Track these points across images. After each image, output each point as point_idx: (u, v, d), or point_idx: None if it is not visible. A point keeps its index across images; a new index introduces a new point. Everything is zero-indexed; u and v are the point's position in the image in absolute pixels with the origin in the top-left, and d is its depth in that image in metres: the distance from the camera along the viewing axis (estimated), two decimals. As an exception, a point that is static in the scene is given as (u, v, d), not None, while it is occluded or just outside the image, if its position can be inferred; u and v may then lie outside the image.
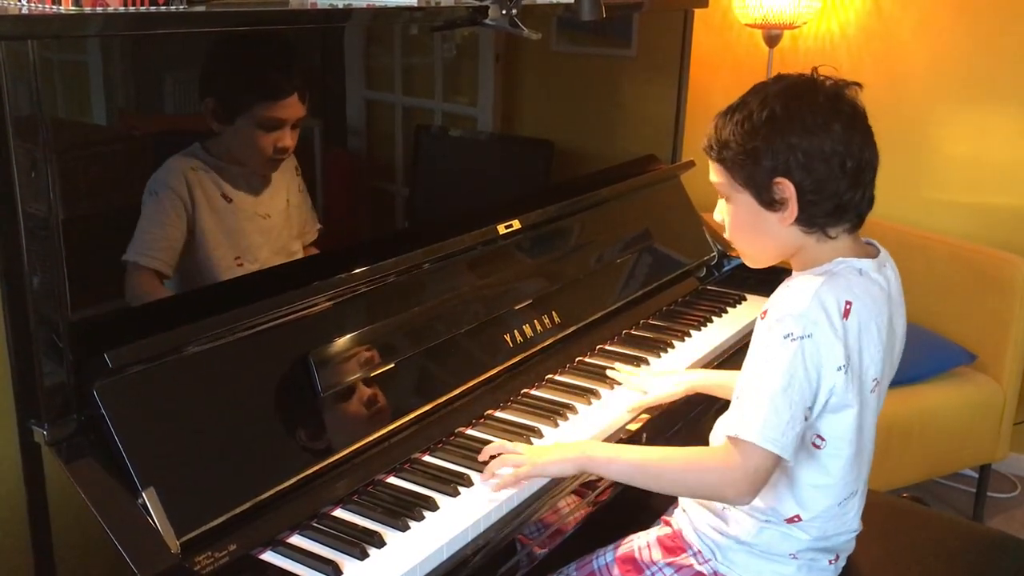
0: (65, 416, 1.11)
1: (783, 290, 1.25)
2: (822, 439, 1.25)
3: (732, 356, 1.86)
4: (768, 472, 1.20)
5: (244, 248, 1.38)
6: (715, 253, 2.24)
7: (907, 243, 2.62)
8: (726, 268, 2.24)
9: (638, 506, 1.62)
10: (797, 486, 1.28)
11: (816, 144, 1.19)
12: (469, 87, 1.81)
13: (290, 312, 1.32)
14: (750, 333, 1.94)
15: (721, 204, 1.31)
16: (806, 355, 1.18)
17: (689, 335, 1.89)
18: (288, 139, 1.39)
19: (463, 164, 1.86)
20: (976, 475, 2.67)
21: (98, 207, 1.19)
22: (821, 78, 1.24)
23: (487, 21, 1.60)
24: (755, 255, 1.32)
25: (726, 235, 1.33)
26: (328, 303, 1.38)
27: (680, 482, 1.28)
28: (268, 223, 1.42)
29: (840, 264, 1.24)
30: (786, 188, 1.21)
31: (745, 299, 2.10)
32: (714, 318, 1.98)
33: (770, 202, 1.23)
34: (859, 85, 1.24)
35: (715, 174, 1.29)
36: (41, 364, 1.10)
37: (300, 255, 1.47)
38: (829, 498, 1.28)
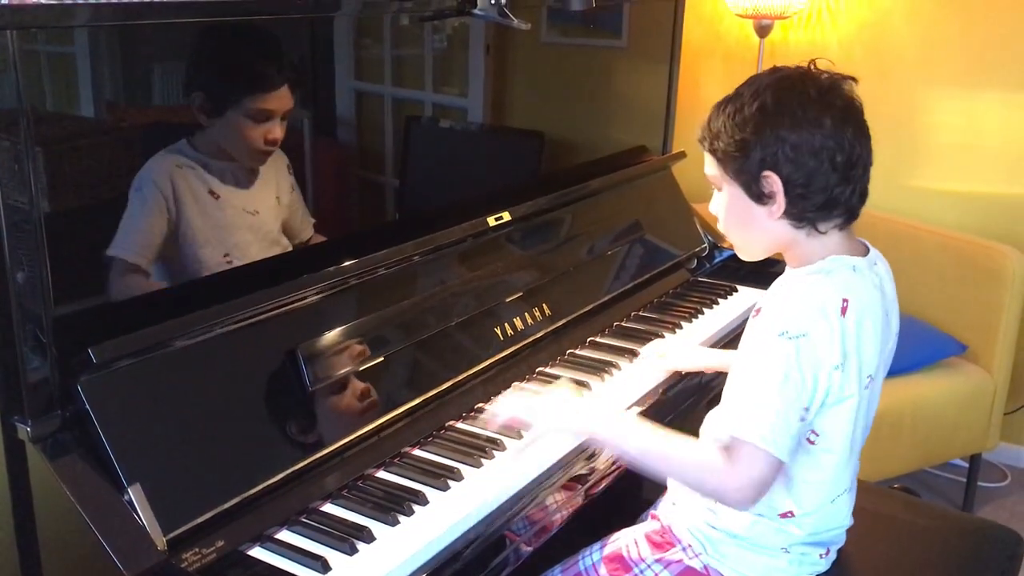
0: (49, 412, 1.10)
1: (777, 288, 1.24)
2: (816, 434, 1.24)
3: (723, 348, 1.85)
4: (770, 475, 1.18)
5: (232, 245, 1.37)
6: (706, 244, 2.24)
7: (896, 233, 2.62)
8: (717, 260, 2.24)
9: (626, 501, 1.62)
10: (791, 482, 1.27)
11: (805, 138, 1.18)
12: (459, 78, 1.80)
13: (278, 306, 1.31)
14: (742, 325, 1.97)
15: (716, 195, 1.31)
16: (801, 354, 1.17)
17: (680, 327, 1.89)
18: (278, 131, 1.38)
19: (453, 156, 1.84)
20: (966, 465, 2.68)
21: (82, 201, 1.18)
22: (816, 71, 1.23)
23: (476, 11, 1.59)
24: (746, 248, 1.32)
25: (719, 227, 1.32)
26: (316, 296, 1.37)
27: (681, 477, 1.27)
28: (256, 219, 1.41)
29: (834, 262, 1.23)
30: (774, 182, 1.20)
31: (736, 290, 2.09)
32: (705, 310, 1.98)
33: (759, 195, 1.22)
34: (854, 79, 1.23)
35: (708, 165, 1.28)
36: (24, 359, 1.09)
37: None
38: (822, 494, 1.28)
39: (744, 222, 1.27)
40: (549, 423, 1.34)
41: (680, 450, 1.24)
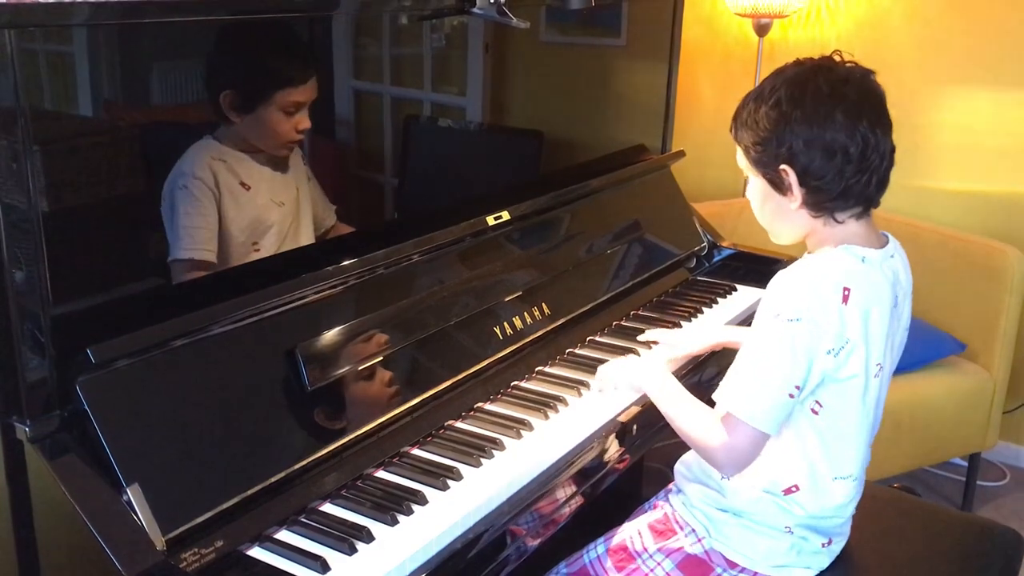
0: (48, 412, 1.10)
1: (782, 272, 1.28)
2: (820, 405, 1.27)
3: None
4: (754, 446, 1.24)
5: (261, 234, 1.40)
6: (705, 244, 2.24)
7: (897, 232, 2.56)
8: (716, 259, 2.24)
9: (630, 498, 1.62)
10: (797, 455, 1.30)
11: (817, 133, 1.22)
12: (458, 77, 1.80)
13: (277, 305, 1.31)
14: (741, 323, 1.97)
15: (750, 183, 1.36)
16: (795, 337, 1.20)
17: (680, 326, 1.88)
18: (306, 120, 1.42)
19: (452, 155, 1.84)
20: (966, 464, 2.68)
21: (81, 200, 1.17)
22: (833, 64, 1.27)
23: (475, 10, 1.59)
24: (776, 233, 1.37)
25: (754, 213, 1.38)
26: (315, 296, 1.37)
27: (689, 436, 1.32)
28: (283, 210, 1.44)
29: (844, 251, 1.27)
30: (789, 174, 1.25)
31: (735, 289, 2.09)
32: (704, 309, 1.98)
33: (778, 187, 1.28)
34: (872, 72, 1.27)
35: (739, 156, 1.34)
36: (23, 359, 1.08)
37: (313, 242, 1.50)
38: (825, 470, 1.31)
39: (771, 210, 1.33)
40: (619, 379, 1.50)
41: (693, 413, 1.32)
